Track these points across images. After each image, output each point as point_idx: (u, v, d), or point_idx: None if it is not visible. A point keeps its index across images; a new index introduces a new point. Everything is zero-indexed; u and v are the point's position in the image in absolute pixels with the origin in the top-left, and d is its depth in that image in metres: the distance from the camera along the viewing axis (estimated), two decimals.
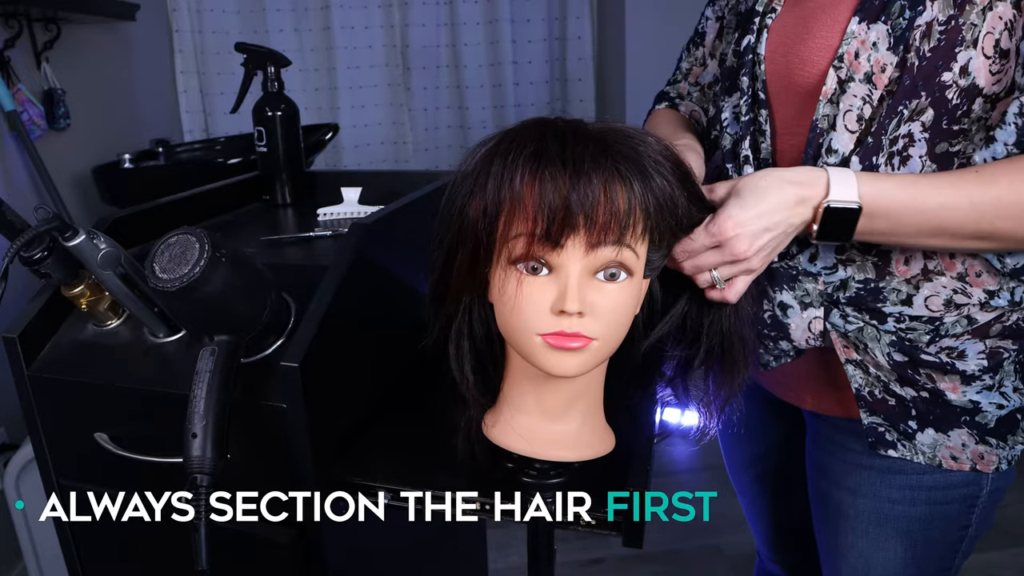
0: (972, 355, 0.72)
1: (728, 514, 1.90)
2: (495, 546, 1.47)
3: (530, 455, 0.64)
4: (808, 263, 0.74)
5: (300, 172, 1.24)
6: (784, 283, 0.75)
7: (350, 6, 2.77)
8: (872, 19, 0.67)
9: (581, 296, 0.54)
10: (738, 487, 1.09)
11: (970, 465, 0.75)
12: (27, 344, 0.79)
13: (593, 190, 0.52)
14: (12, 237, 0.67)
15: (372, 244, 0.81)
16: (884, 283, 0.72)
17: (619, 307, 0.57)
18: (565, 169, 0.52)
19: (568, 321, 0.55)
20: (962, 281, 0.70)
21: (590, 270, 0.55)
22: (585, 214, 0.52)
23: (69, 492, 0.85)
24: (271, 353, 0.73)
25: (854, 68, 0.68)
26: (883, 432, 0.76)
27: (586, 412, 0.65)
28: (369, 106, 2.89)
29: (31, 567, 1.49)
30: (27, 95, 1.77)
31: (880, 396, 0.75)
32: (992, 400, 0.73)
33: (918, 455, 0.76)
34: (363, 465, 0.74)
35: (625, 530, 0.65)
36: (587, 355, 0.56)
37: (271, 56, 1.20)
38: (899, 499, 0.79)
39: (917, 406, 0.74)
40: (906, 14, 0.66)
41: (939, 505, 0.78)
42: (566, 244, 0.54)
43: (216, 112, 2.72)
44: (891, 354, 0.73)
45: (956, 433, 0.74)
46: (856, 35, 0.68)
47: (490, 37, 2.89)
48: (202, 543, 0.60)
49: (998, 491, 0.79)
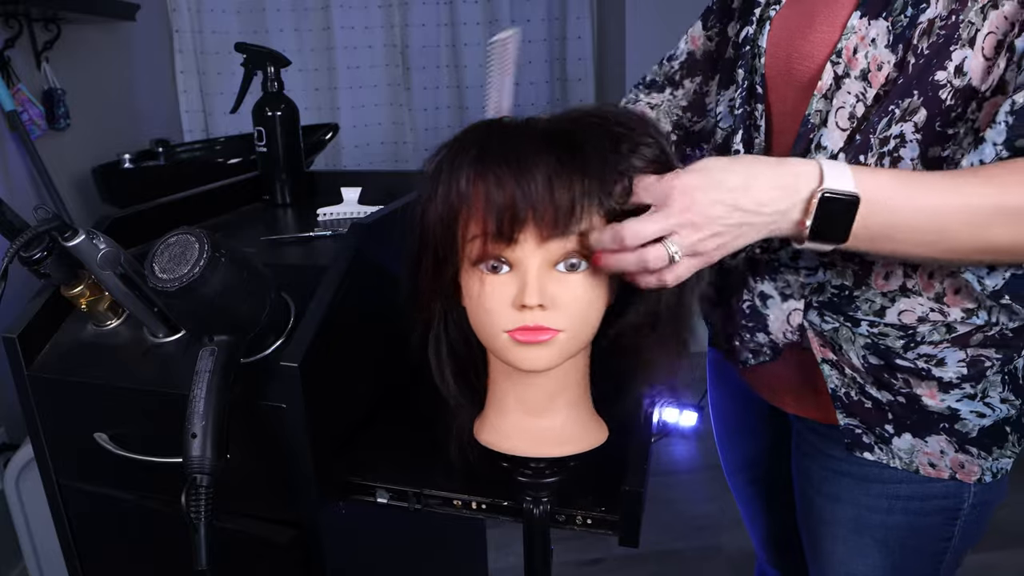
0: (952, 363, 0.69)
1: (728, 514, 1.91)
2: (495, 546, 1.47)
3: (517, 454, 0.64)
4: (789, 260, 0.72)
5: (300, 172, 1.24)
6: (766, 273, 0.73)
7: (350, 6, 2.77)
8: (874, 15, 0.64)
9: (540, 289, 0.55)
10: (734, 490, 1.08)
11: (949, 473, 0.73)
12: (27, 344, 0.79)
13: (536, 185, 0.53)
14: (12, 237, 0.67)
15: (372, 244, 0.81)
16: (859, 292, 0.70)
17: (582, 297, 0.57)
18: (509, 167, 0.53)
19: (531, 315, 0.56)
20: (939, 302, 0.67)
21: (550, 263, 0.56)
22: (532, 208, 0.53)
23: (69, 492, 0.85)
24: (271, 353, 0.73)
25: (851, 64, 0.66)
26: (860, 434, 0.74)
27: (569, 406, 0.65)
28: (369, 106, 2.89)
29: (31, 567, 1.49)
30: (27, 95, 1.77)
31: (856, 398, 0.73)
32: (973, 409, 0.70)
33: (895, 459, 0.74)
34: (363, 465, 0.74)
35: (621, 529, 0.65)
36: (554, 348, 0.57)
37: (271, 56, 1.20)
38: (876, 507, 0.77)
39: (894, 409, 0.72)
40: (908, 11, 0.63)
41: (917, 515, 0.76)
42: (519, 240, 0.55)
43: (216, 112, 2.72)
44: (866, 356, 0.71)
45: (934, 440, 0.72)
46: (856, 30, 0.65)
47: (490, 37, 2.88)
48: (202, 543, 0.60)
49: (984, 505, 0.75)
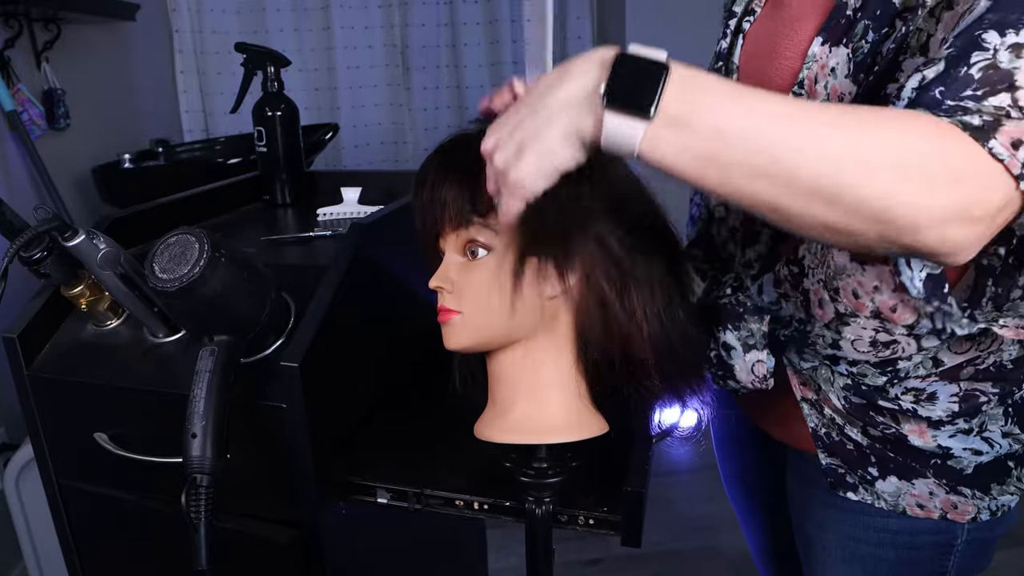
0: (943, 398, 0.65)
1: (726, 515, 1.89)
2: (495, 546, 1.47)
3: (496, 441, 0.65)
4: (757, 295, 0.70)
5: (300, 172, 1.24)
6: (729, 322, 0.71)
7: (350, 6, 2.77)
8: (835, 41, 0.61)
9: (442, 274, 0.63)
10: (732, 500, 1.07)
11: (940, 514, 0.69)
12: (27, 344, 0.79)
13: (433, 191, 0.63)
14: (12, 237, 0.67)
15: (372, 244, 0.81)
16: (810, 327, 0.67)
17: (479, 282, 0.62)
18: (425, 178, 0.64)
19: (440, 298, 0.63)
20: (878, 319, 0.62)
21: (459, 251, 0.63)
22: (440, 205, 0.62)
23: (69, 492, 0.85)
24: (271, 353, 0.73)
25: (812, 94, 0.63)
26: (843, 474, 0.72)
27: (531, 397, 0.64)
28: (369, 106, 2.89)
29: (31, 567, 1.49)
30: (27, 95, 1.77)
31: (837, 438, 0.71)
32: (968, 445, 0.67)
33: (879, 501, 0.71)
34: (363, 465, 0.74)
35: (624, 530, 0.65)
36: (452, 328, 0.63)
37: (271, 56, 1.20)
38: (864, 539, 0.74)
39: (876, 453, 0.69)
40: (869, 36, 0.58)
41: (907, 550, 0.73)
42: (441, 234, 0.64)
43: (216, 112, 2.72)
44: (848, 397, 0.69)
45: (921, 482, 0.69)
46: (817, 58, 0.62)
47: (490, 37, 2.89)
48: (202, 543, 0.60)
49: (983, 541, 0.72)
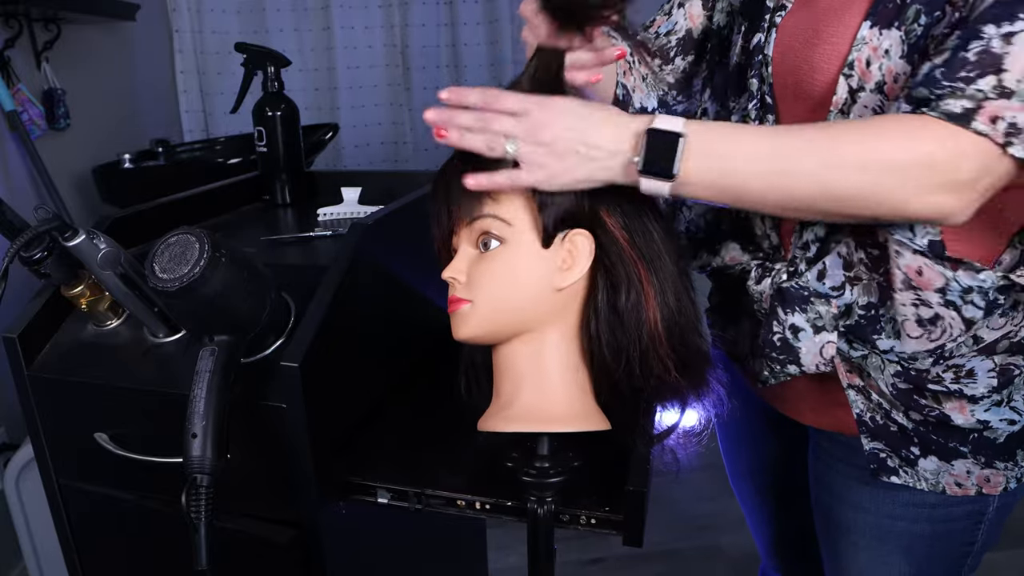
0: (982, 373, 0.68)
1: (728, 514, 1.90)
2: (495, 546, 1.47)
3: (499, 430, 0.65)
4: (816, 281, 0.70)
5: (300, 172, 1.24)
6: (796, 304, 0.71)
7: (350, 6, 2.77)
8: (885, 24, 0.62)
9: (456, 266, 0.65)
10: (740, 497, 1.07)
11: (976, 490, 0.73)
12: (27, 344, 0.79)
13: (449, 180, 0.65)
14: (12, 237, 0.67)
15: (372, 244, 0.81)
16: (884, 310, 0.68)
17: (491, 272, 0.63)
18: (444, 171, 0.66)
19: (451, 288, 0.65)
20: (911, 289, 0.65)
21: (472, 244, 0.65)
22: (450, 203, 0.64)
23: (69, 492, 0.85)
24: (271, 353, 0.73)
25: (865, 77, 0.64)
26: (885, 459, 0.74)
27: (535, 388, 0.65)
28: (369, 106, 2.89)
29: (31, 567, 1.49)
30: (27, 95, 1.77)
31: (882, 422, 0.73)
32: (1003, 416, 0.70)
33: (921, 482, 0.74)
34: (363, 464, 0.74)
35: (625, 529, 0.65)
36: (461, 317, 0.64)
37: (271, 56, 1.20)
38: (901, 515, 0.77)
39: (919, 434, 0.72)
40: (921, 19, 0.60)
41: (943, 523, 0.76)
42: (455, 230, 0.66)
43: (216, 112, 2.71)
44: (895, 384, 0.71)
45: (960, 463, 0.72)
46: (867, 41, 0.63)
47: (490, 37, 2.89)
48: (202, 543, 0.60)
49: (1006, 507, 0.76)
